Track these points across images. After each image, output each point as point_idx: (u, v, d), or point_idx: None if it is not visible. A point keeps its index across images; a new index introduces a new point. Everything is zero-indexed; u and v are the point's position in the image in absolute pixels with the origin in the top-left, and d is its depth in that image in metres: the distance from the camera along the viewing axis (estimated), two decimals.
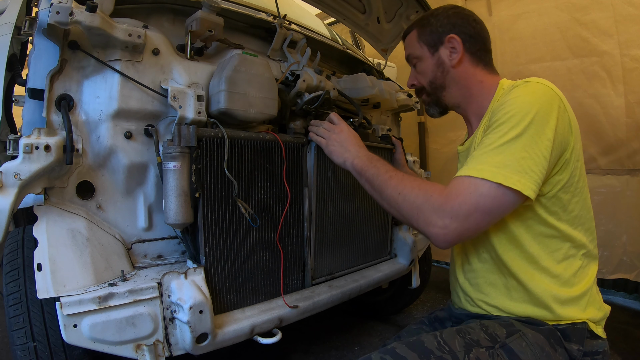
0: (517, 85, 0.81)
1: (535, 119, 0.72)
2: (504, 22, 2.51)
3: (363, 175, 0.94)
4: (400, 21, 1.82)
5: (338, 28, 2.70)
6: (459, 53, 0.92)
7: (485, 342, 0.73)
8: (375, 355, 0.73)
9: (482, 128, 0.87)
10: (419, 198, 0.77)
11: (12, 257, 0.95)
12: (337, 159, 1.05)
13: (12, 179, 0.80)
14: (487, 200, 0.71)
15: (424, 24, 0.97)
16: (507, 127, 0.73)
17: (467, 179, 0.73)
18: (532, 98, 0.75)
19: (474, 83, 0.93)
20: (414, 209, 0.77)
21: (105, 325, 0.82)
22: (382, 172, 0.89)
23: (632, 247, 2.14)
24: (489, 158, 0.73)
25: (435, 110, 1.03)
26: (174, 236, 1.08)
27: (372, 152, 1.01)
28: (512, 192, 0.70)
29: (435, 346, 0.72)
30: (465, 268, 0.94)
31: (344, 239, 1.39)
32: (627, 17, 2.06)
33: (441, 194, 0.75)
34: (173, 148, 0.93)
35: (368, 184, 0.93)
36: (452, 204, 0.72)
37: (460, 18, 0.94)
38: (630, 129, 2.11)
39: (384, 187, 0.86)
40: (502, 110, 0.77)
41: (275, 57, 1.36)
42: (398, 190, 0.82)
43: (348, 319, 2.02)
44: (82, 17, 0.84)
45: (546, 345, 0.74)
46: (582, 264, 0.82)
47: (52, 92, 0.91)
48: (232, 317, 1.01)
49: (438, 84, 0.97)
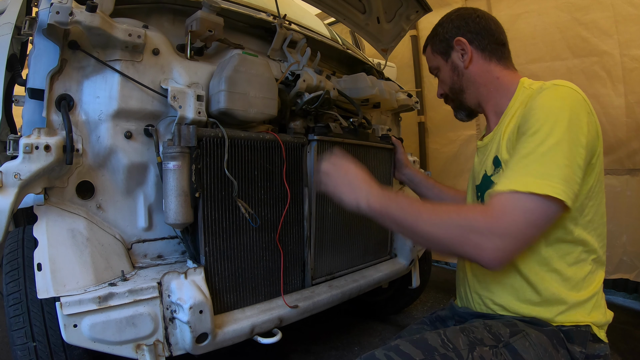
0: (545, 88, 0.78)
1: (570, 125, 0.71)
2: (504, 22, 2.48)
3: (385, 214, 0.82)
4: (400, 21, 1.82)
5: (338, 28, 2.70)
6: (468, 53, 0.93)
7: (489, 341, 0.73)
8: (379, 353, 0.72)
9: (506, 127, 0.86)
10: (459, 225, 0.71)
11: (12, 257, 0.95)
12: (348, 202, 0.88)
13: (12, 179, 0.80)
14: (536, 215, 0.68)
15: (434, 36, 1.01)
16: (544, 134, 0.71)
17: (512, 195, 0.69)
18: (564, 103, 0.73)
19: (490, 80, 0.93)
20: (457, 238, 0.71)
21: (105, 325, 0.82)
22: (406, 206, 0.79)
23: (632, 247, 2.14)
24: (532, 169, 0.70)
25: (462, 115, 1.04)
26: (174, 236, 1.08)
27: (372, 152, 1.01)
28: (558, 202, 0.68)
29: (439, 344, 0.72)
30: (474, 265, 0.93)
31: (344, 239, 1.39)
32: (627, 17, 2.06)
33: (485, 214, 0.70)
34: (173, 148, 0.93)
35: (394, 224, 0.81)
36: (500, 223, 0.68)
37: (462, 19, 0.95)
38: (630, 129, 2.11)
39: (415, 223, 0.77)
40: (533, 116, 0.75)
41: (275, 57, 1.36)
42: (432, 222, 0.75)
43: (348, 319, 2.02)
44: (82, 17, 0.84)
45: (549, 346, 0.74)
46: (591, 269, 0.81)
47: (52, 92, 0.91)
48: (232, 317, 1.02)
49: (457, 88, 0.99)
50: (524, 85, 0.88)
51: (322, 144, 1.26)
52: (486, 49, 0.93)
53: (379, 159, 1.52)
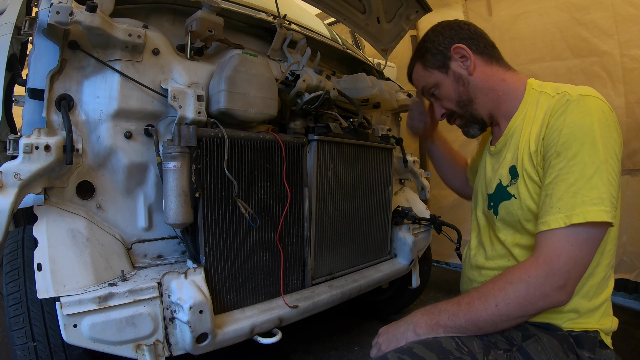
0: (573, 100, 0.75)
1: (606, 141, 0.70)
2: (504, 22, 2.51)
3: (441, 328, 0.75)
4: (400, 21, 1.82)
5: (338, 28, 2.70)
6: (470, 58, 0.88)
7: (502, 344, 0.73)
8: (392, 356, 0.71)
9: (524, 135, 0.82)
10: (518, 292, 0.69)
11: (12, 257, 0.95)
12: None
13: (12, 179, 0.80)
14: (590, 242, 0.69)
15: (423, 53, 0.95)
16: (585, 156, 0.70)
17: (566, 231, 0.69)
18: (594, 118, 0.72)
19: (497, 82, 0.89)
20: (523, 304, 0.69)
21: (105, 325, 0.82)
22: (454, 306, 0.75)
23: (632, 247, 2.14)
24: (584, 196, 0.68)
25: (475, 129, 0.95)
26: (174, 236, 1.08)
27: (372, 152, 1.00)
28: (607, 223, 0.69)
29: (454, 347, 0.71)
30: (485, 273, 0.91)
31: (344, 239, 1.39)
32: (627, 17, 2.06)
33: (537, 267, 0.69)
34: (173, 148, 0.93)
35: (454, 331, 0.75)
36: (557, 267, 0.68)
37: (451, 28, 0.92)
38: (630, 129, 2.11)
39: (474, 318, 0.72)
40: (566, 135, 0.72)
41: (275, 57, 1.36)
42: (490, 306, 0.71)
43: (348, 319, 2.02)
44: (82, 17, 0.84)
45: (560, 350, 0.74)
46: (605, 274, 0.80)
47: (52, 92, 0.91)
48: (232, 317, 1.01)
49: (465, 99, 0.91)
50: (533, 87, 0.85)
51: (322, 144, 1.26)
52: (484, 52, 0.90)
53: (379, 159, 1.52)
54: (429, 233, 1.83)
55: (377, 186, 1.53)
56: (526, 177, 0.80)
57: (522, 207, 0.80)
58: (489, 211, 0.91)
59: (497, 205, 0.87)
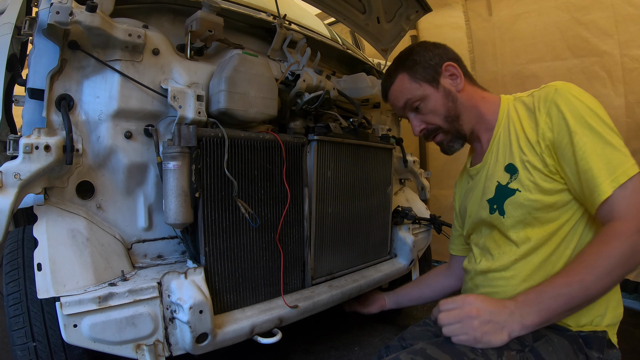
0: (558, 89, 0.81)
1: (601, 112, 0.78)
2: (504, 22, 2.51)
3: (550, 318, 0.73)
4: (400, 21, 1.82)
5: (338, 28, 2.70)
6: (460, 77, 0.94)
7: (515, 345, 0.73)
8: (405, 356, 0.72)
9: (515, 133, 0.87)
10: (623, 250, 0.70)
11: (12, 257, 0.95)
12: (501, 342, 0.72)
13: (12, 179, 0.80)
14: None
15: (412, 65, 0.95)
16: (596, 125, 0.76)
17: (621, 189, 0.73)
18: (585, 97, 0.79)
19: (479, 100, 0.95)
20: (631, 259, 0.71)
21: (105, 325, 0.82)
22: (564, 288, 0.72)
23: None
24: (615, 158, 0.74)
25: (458, 144, 0.99)
26: (174, 236, 1.08)
27: (372, 152, 1.00)
28: None
29: (467, 348, 0.72)
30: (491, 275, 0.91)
31: (344, 239, 1.39)
32: (627, 17, 2.06)
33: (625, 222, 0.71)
34: (173, 148, 0.93)
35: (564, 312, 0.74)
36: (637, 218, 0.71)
37: (438, 47, 0.97)
38: (630, 129, 2.11)
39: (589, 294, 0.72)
40: (570, 117, 0.77)
41: (275, 57, 1.36)
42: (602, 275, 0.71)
43: (348, 319, 2.02)
44: (82, 17, 0.84)
45: (570, 351, 0.75)
46: None
47: (52, 92, 0.91)
48: (232, 317, 1.01)
49: (453, 115, 0.94)
50: (507, 98, 0.93)
51: (322, 144, 1.26)
52: (467, 73, 0.97)
53: (379, 159, 1.52)
54: (429, 233, 1.83)
55: (377, 186, 1.53)
56: (529, 167, 0.83)
57: (528, 197, 0.83)
58: (493, 215, 0.90)
59: (502, 205, 0.88)
